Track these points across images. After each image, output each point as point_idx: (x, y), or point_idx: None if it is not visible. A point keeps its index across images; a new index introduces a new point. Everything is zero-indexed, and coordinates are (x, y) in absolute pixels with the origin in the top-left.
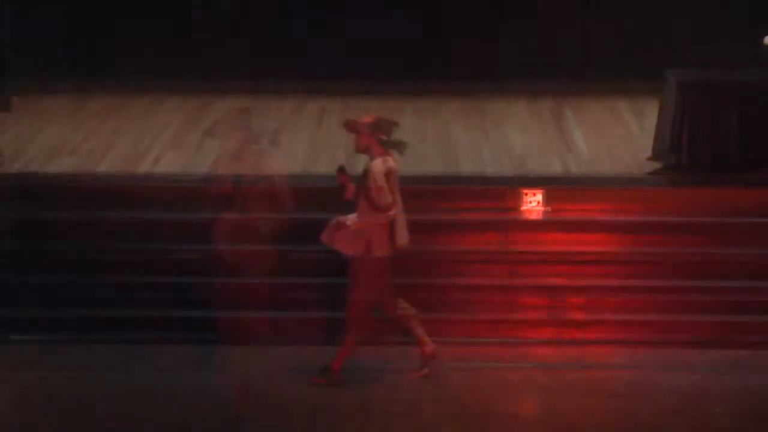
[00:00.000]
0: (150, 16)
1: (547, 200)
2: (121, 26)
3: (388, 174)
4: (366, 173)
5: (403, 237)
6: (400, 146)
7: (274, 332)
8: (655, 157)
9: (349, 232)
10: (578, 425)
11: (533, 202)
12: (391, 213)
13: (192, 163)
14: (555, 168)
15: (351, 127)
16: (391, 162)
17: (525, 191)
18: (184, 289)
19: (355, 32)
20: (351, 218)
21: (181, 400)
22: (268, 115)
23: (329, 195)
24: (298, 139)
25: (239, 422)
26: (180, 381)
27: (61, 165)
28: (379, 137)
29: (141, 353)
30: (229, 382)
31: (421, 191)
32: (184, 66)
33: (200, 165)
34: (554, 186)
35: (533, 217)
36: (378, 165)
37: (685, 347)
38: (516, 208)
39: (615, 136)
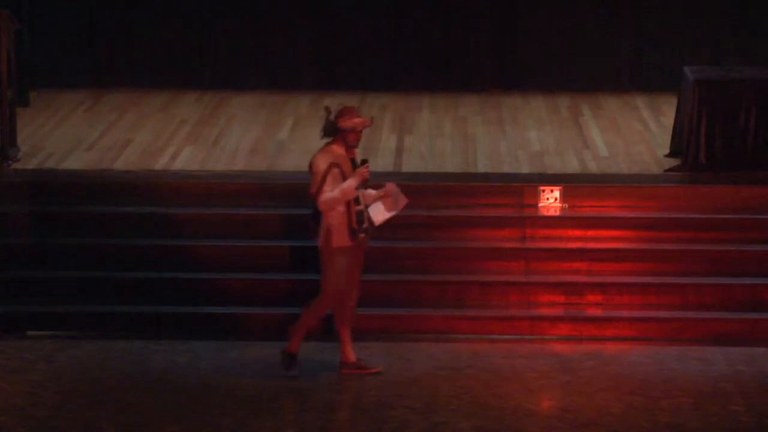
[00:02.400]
0: (168, 10)
1: (564, 197)
2: (138, 21)
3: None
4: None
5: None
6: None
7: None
8: (672, 154)
9: None
10: (595, 422)
11: (550, 199)
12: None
13: (209, 159)
14: (572, 165)
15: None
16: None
17: (542, 188)
18: (201, 284)
19: (373, 27)
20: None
21: (196, 394)
22: (285, 110)
23: None
24: (315, 135)
25: (256, 416)
26: (195, 376)
27: (79, 160)
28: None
29: (157, 348)
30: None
31: (437, 187)
32: (201, 61)
33: (217, 160)
34: (571, 183)
35: (550, 213)
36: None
37: (702, 344)
38: (533, 205)
39: (633, 132)
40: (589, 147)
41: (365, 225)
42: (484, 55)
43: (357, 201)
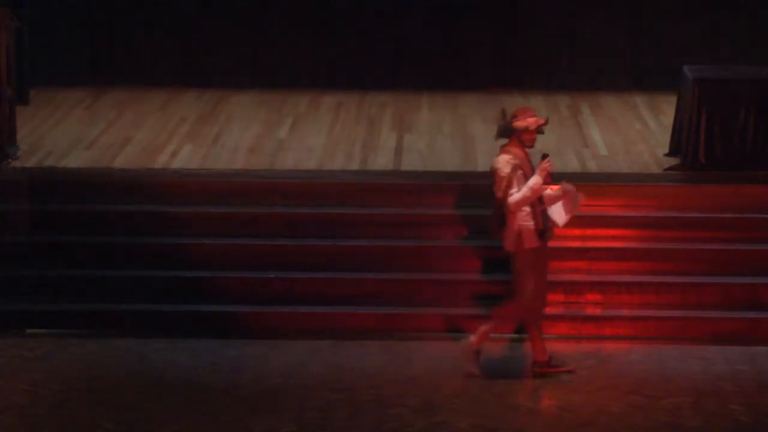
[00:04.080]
0: (167, 8)
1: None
2: (138, 19)
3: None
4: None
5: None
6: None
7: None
8: (672, 153)
9: None
10: (594, 421)
11: None
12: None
13: (209, 157)
14: (572, 164)
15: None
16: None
17: None
18: (200, 282)
19: (372, 26)
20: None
21: (195, 392)
22: (284, 108)
23: (346, 189)
24: (315, 134)
25: (255, 414)
26: (194, 374)
27: (78, 159)
28: None
29: (157, 347)
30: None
31: (437, 186)
32: (201, 59)
33: (217, 159)
34: (571, 182)
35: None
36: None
37: (702, 343)
38: None
39: (632, 132)
40: (588, 146)
41: (549, 224)
42: (484, 53)
43: (540, 201)
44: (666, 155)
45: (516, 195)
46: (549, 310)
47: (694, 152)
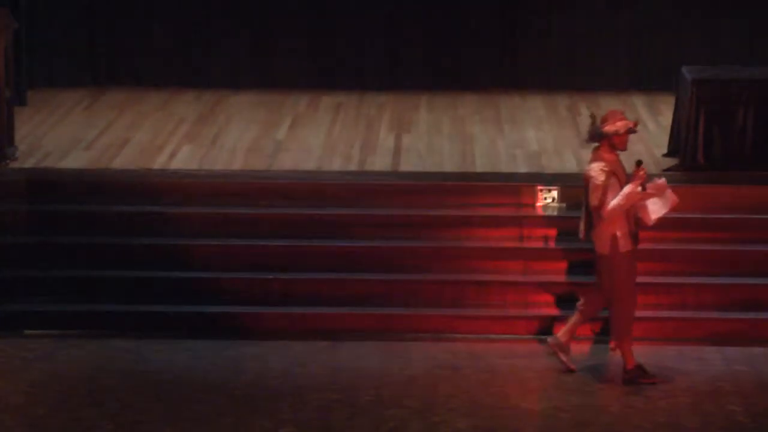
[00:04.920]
0: (166, 9)
1: (563, 197)
2: (137, 20)
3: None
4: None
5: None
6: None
7: None
8: (670, 153)
9: None
10: (593, 422)
11: (548, 199)
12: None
13: (207, 158)
14: (570, 164)
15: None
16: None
17: (540, 188)
18: (199, 283)
19: (371, 26)
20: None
21: (194, 393)
22: (283, 109)
23: (345, 190)
24: (313, 135)
25: (254, 415)
26: (193, 375)
27: (77, 159)
28: None
29: (156, 347)
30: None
31: (435, 187)
32: (200, 60)
33: (215, 159)
34: (569, 183)
35: (548, 213)
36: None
37: (700, 344)
38: (531, 205)
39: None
40: (587, 147)
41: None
42: (483, 54)
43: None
44: (664, 156)
45: (612, 204)
46: (547, 311)
47: (692, 153)
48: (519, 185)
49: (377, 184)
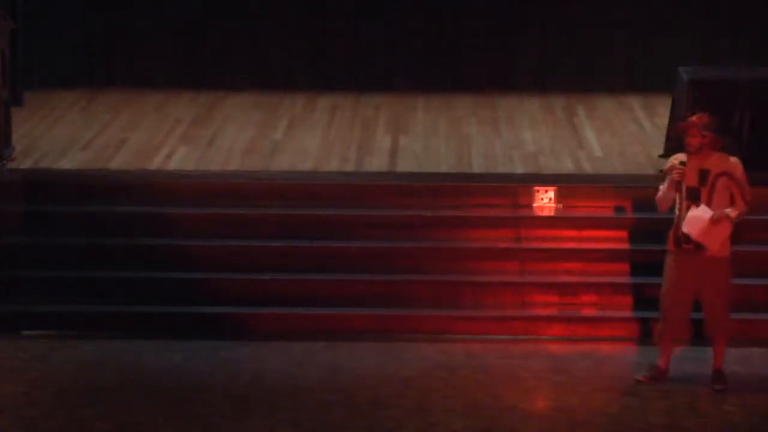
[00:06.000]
0: (162, 10)
1: (559, 197)
2: (133, 20)
3: None
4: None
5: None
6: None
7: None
8: (667, 154)
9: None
10: (590, 422)
11: (545, 199)
12: None
13: (204, 159)
14: (567, 165)
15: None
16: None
17: (537, 188)
18: (196, 284)
19: (367, 27)
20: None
21: (191, 393)
22: (279, 110)
23: (342, 191)
24: (310, 135)
25: (251, 415)
26: (190, 375)
27: (74, 160)
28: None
29: (152, 348)
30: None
31: (432, 188)
32: (196, 61)
33: (212, 160)
34: (566, 183)
35: (545, 214)
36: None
37: (697, 344)
38: (528, 205)
39: (627, 133)
40: (583, 147)
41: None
42: (479, 55)
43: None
44: (661, 156)
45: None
46: (544, 311)
47: None
48: (516, 186)
49: (374, 185)
